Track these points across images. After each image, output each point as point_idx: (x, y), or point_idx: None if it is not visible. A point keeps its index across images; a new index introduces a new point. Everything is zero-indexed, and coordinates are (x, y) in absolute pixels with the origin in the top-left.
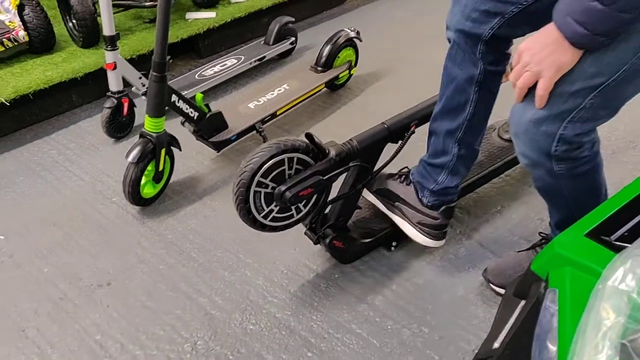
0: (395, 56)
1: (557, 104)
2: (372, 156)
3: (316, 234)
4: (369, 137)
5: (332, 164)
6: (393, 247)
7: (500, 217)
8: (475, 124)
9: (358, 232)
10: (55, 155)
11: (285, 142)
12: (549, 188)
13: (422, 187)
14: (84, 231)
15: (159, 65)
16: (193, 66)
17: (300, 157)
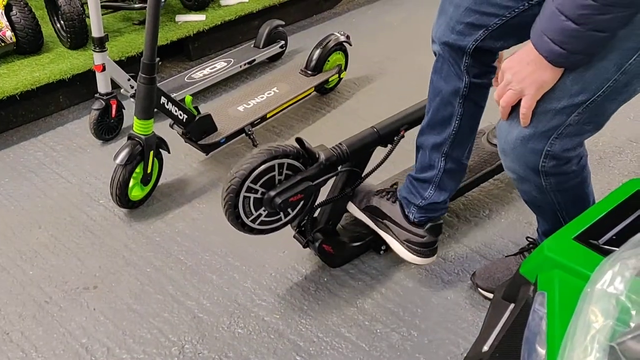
0: (385, 60)
1: (543, 122)
2: (362, 160)
3: (305, 238)
4: (359, 141)
5: (322, 168)
6: (382, 250)
7: (489, 221)
8: (461, 138)
9: (347, 236)
10: (41, 157)
11: (276, 148)
12: (537, 202)
13: (408, 202)
14: (71, 233)
15: (148, 67)
16: (182, 69)
17: (291, 162)
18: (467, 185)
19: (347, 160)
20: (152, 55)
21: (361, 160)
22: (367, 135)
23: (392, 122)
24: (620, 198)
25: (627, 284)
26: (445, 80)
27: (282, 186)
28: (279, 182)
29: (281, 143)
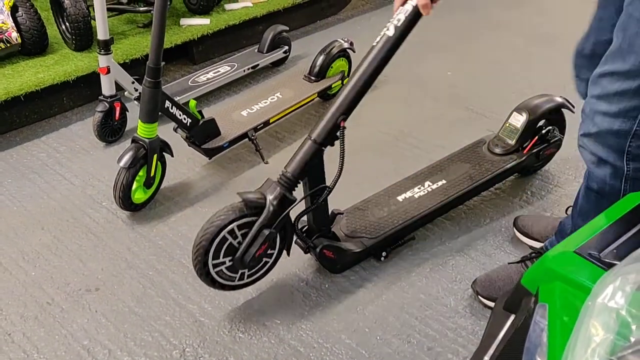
0: (389, 67)
1: (624, 101)
2: (315, 173)
3: (306, 243)
4: (301, 159)
5: (274, 209)
6: (383, 257)
7: (489, 229)
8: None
9: (348, 243)
10: (45, 158)
11: (218, 218)
12: (606, 190)
13: None
14: (73, 235)
15: (153, 70)
16: (186, 72)
17: (240, 223)
18: (467, 193)
19: (296, 185)
20: (158, 59)
21: (315, 173)
22: (307, 150)
23: (325, 122)
24: (621, 212)
25: (627, 298)
26: None
27: (244, 246)
28: (240, 244)
29: (226, 208)
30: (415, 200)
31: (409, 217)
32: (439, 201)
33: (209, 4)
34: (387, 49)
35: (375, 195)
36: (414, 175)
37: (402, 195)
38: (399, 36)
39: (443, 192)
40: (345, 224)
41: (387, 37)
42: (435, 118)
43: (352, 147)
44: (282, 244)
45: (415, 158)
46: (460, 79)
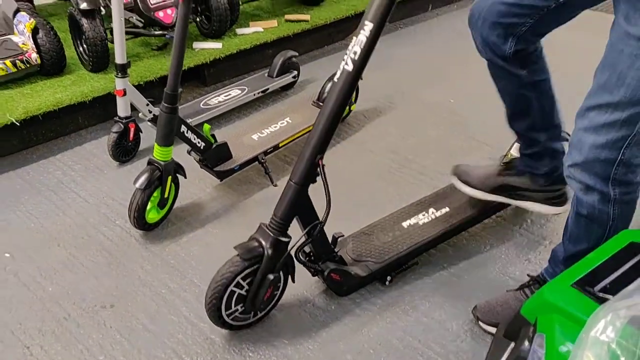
0: (394, 94)
1: (612, 132)
2: (304, 210)
3: (314, 268)
4: (287, 204)
5: (272, 255)
6: (388, 281)
7: (490, 256)
8: (547, 110)
9: (355, 267)
10: (60, 176)
11: (223, 277)
12: (594, 215)
13: (533, 174)
14: (88, 252)
15: (170, 97)
16: (197, 94)
17: (243, 276)
18: (470, 221)
19: (288, 226)
20: (175, 86)
21: (304, 212)
22: (291, 193)
23: (304, 164)
24: (615, 248)
25: (618, 332)
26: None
27: (252, 293)
28: (247, 292)
29: (227, 264)
30: (419, 227)
31: (413, 243)
32: (442, 229)
33: (221, 28)
34: (349, 83)
35: (381, 220)
36: (418, 202)
37: (406, 222)
38: (357, 69)
39: (446, 219)
40: (351, 248)
41: (346, 72)
42: (439, 146)
43: (357, 173)
44: (287, 276)
45: (419, 185)
46: (463, 107)
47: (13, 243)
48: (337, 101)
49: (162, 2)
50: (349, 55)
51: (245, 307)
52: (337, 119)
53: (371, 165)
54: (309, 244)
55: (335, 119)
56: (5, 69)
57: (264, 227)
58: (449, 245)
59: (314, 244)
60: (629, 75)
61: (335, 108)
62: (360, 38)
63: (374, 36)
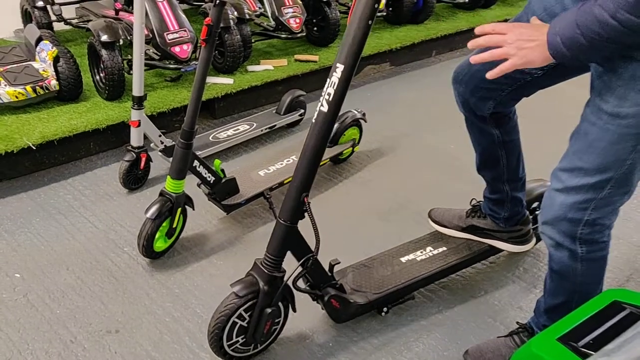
0: (398, 136)
1: (580, 194)
2: (296, 246)
3: (314, 294)
4: (278, 240)
5: (267, 292)
6: (384, 312)
7: (483, 301)
8: (513, 164)
9: (354, 295)
10: (70, 200)
11: (225, 308)
12: (564, 270)
13: (495, 217)
14: (96, 277)
15: (187, 133)
16: (207, 125)
17: (245, 308)
18: (465, 261)
19: (281, 262)
20: (193, 123)
21: (295, 247)
22: (280, 231)
23: (291, 203)
24: (599, 306)
25: None
26: (480, 134)
27: (252, 327)
28: (248, 324)
29: (230, 297)
30: (417, 263)
31: (410, 277)
32: (439, 266)
33: (234, 64)
34: (326, 123)
35: (380, 254)
36: (417, 240)
37: (405, 257)
38: (333, 109)
39: (443, 257)
40: (351, 278)
41: (322, 112)
42: (439, 188)
43: (359, 211)
44: (287, 308)
45: (418, 226)
46: (463, 152)
47: (23, 264)
48: (316, 141)
49: (179, 37)
50: (324, 97)
51: (246, 339)
52: (317, 159)
53: (372, 204)
54: (306, 274)
55: (316, 158)
56: (25, 94)
57: (258, 263)
58: (444, 289)
59: (310, 274)
60: (599, 145)
61: (315, 148)
62: (333, 80)
63: (345, 77)
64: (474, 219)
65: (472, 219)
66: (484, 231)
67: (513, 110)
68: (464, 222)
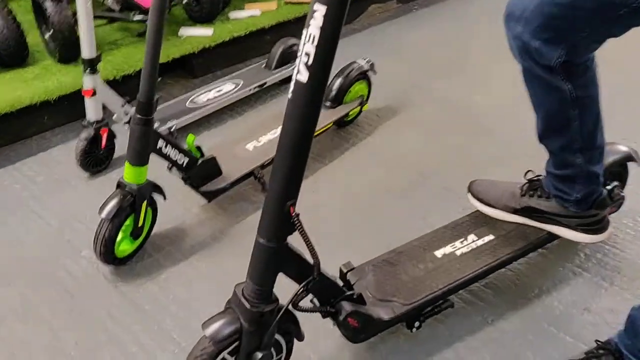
0: (411, 89)
1: None
2: (290, 265)
3: (324, 309)
4: (260, 266)
5: (255, 333)
6: (415, 327)
7: (538, 303)
8: (589, 128)
9: (377, 308)
10: (17, 190)
11: (203, 352)
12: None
13: (563, 200)
14: (45, 294)
15: (144, 106)
16: (184, 87)
17: (230, 351)
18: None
19: (270, 292)
20: (150, 92)
21: (289, 269)
22: (262, 254)
23: (270, 215)
24: None
25: None
26: (544, 91)
27: None
28: None
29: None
30: (457, 259)
31: (451, 280)
32: (486, 263)
33: (212, 10)
34: (306, 100)
35: (407, 246)
36: (453, 225)
37: (440, 250)
38: (316, 79)
39: (491, 250)
40: (372, 282)
41: (299, 84)
42: (466, 154)
43: (370, 188)
44: (290, 342)
45: (446, 203)
46: (492, 105)
47: None
48: (296, 128)
49: None
50: (300, 60)
51: None
52: (302, 152)
53: (388, 176)
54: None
55: (300, 151)
56: None
57: (238, 293)
58: (488, 288)
59: (316, 292)
60: None
61: (296, 137)
62: (311, 31)
63: (332, 26)
64: (532, 198)
65: (529, 199)
66: (545, 215)
67: (592, 57)
68: (519, 201)
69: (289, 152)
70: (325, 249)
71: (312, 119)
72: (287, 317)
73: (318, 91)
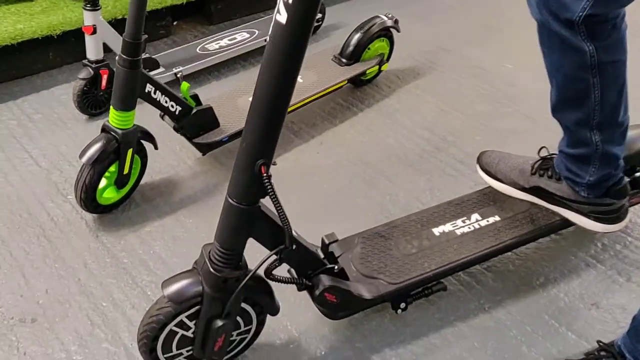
0: (437, 51)
1: None
2: (262, 230)
3: (300, 281)
4: (228, 226)
5: (217, 299)
6: (401, 309)
7: (543, 293)
8: (609, 102)
9: (360, 285)
10: (14, 126)
11: (159, 312)
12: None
13: (574, 183)
14: (23, 237)
15: (130, 46)
16: (200, 33)
17: (189, 314)
18: (527, 240)
19: (238, 257)
20: (137, 31)
21: (260, 231)
22: (231, 213)
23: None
24: None
25: None
26: (561, 51)
27: (198, 342)
28: (194, 334)
29: (156, 307)
30: (456, 238)
31: (445, 261)
32: (487, 246)
33: None
34: (284, 45)
35: (404, 219)
36: (458, 201)
37: (439, 228)
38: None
39: (494, 233)
40: (359, 255)
41: (279, 25)
42: (488, 125)
43: (380, 154)
44: (261, 314)
45: (458, 177)
46: (523, 75)
47: None
48: (272, 78)
49: None
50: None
51: (193, 354)
52: (278, 106)
53: (398, 145)
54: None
55: (276, 105)
56: None
57: (205, 254)
58: (488, 271)
59: (291, 262)
60: None
61: (272, 89)
62: None
63: None
64: (541, 178)
65: (539, 179)
66: (555, 197)
67: (622, 14)
68: (528, 180)
69: (263, 104)
70: (317, 216)
71: (291, 69)
72: (258, 287)
73: (300, 35)
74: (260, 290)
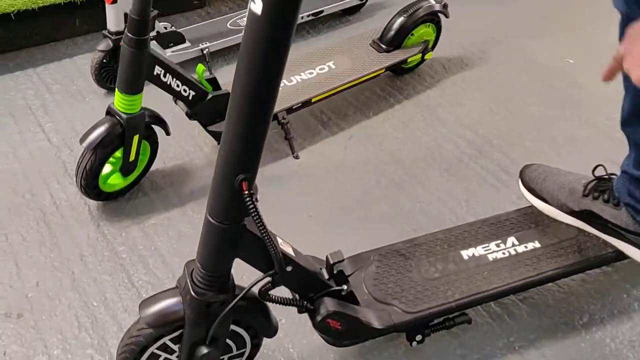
0: (488, 42)
1: None
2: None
3: (299, 304)
4: (209, 247)
5: (198, 324)
6: (416, 341)
7: (586, 335)
8: None
9: (370, 311)
10: (30, 96)
11: (133, 339)
12: None
13: (636, 210)
14: (22, 220)
15: (137, 23)
16: (236, 5)
17: (172, 337)
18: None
19: (225, 280)
20: (145, 6)
21: (247, 252)
22: (210, 233)
23: (218, 189)
24: None
25: None
26: None
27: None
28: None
29: (135, 327)
30: (487, 265)
31: (472, 290)
32: (522, 277)
33: None
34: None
35: (429, 237)
36: (494, 220)
37: (469, 250)
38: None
39: (533, 262)
40: (373, 275)
41: (253, 15)
42: (541, 130)
43: (413, 155)
44: (255, 337)
45: (500, 188)
46: (587, 74)
47: None
48: (249, 78)
49: None
50: None
51: None
52: (258, 111)
53: (436, 144)
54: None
55: (254, 109)
56: None
57: (187, 273)
58: (523, 303)
59: (290, 284)
60: None
61: (250, 91)
62: None
63: None
64: (595, 201)
65: (592, 202)
66: (609, 225)
67: None
68: (578, 202)
69: (241, 108)
70: (335, 223)
71: (273, 69)
72: (250, 308)
73: (279, 28)
74: (254, 312)
